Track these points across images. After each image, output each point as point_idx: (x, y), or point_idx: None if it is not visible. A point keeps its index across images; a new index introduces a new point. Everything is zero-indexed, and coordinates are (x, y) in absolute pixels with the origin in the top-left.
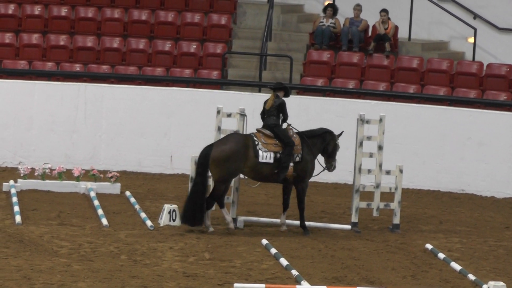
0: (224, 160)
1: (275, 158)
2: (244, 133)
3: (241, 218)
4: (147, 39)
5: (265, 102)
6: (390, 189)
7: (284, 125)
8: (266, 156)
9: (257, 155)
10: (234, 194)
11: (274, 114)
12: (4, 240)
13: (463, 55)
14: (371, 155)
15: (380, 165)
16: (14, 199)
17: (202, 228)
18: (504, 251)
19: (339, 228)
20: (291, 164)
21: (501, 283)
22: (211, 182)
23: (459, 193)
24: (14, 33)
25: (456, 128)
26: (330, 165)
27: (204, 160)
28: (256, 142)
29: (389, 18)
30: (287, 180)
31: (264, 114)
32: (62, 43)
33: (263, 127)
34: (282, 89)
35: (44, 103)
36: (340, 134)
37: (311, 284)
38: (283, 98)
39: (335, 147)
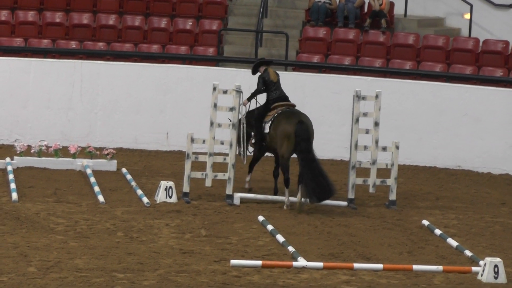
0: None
1: None
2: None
3: (238, 195)
4: (143, 16)
5: (267, 75)
6: (387, 165)
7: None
8: None
9: None
10: (230, 170)
11: (280, 86)
12: (1, 217)
13: (459, 31)
14: (367, 132)
15: (377, 142)
16: (11, 176)
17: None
18: (500, 227)
19: (336, 204)
20: None
21: (498, 259)
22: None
23: (456, 169)
24: (10, 11)
25: (452, 104)
26: None
27: (308, 135)
28: None
29: None
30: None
31: (269, 87)
32: (58, 20)
33: (283, 99)
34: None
35: (40, 80)
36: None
37: (308, 260)
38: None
39: None
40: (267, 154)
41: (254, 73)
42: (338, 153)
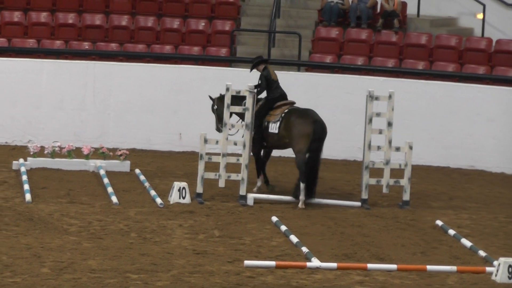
0: None
1: None
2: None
3: (251, 195)
4: (155, 17)
5: (268, 74)
6: (400, 165)
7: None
8: None
9: None
10: (244, 171)
11: (279, 84)
12: (14, 218)
13: (472, 31)
14: (380, 132)
15: (390, 142)
16: (24, 177)
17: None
18: None
19: (349, 205)
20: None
21: None
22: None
23: (469, 169)
24: (23, 12)
25: (465, 104)
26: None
27: (323, 135)
28: None
29: None
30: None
31: (270, 86)
32: (70, 21)
33: (284, 97)
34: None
35: (52, 81)
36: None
37: (321, 261)
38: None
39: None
40: (276, 154)
41: (251, 70)
42: (351, 153)
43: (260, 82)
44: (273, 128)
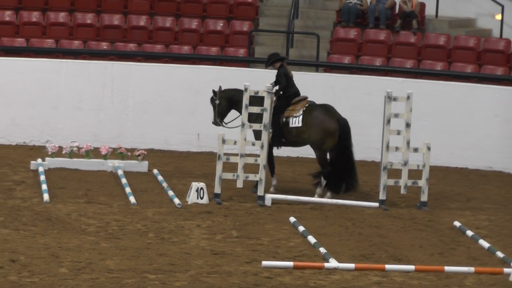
0: None
1: None
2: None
3: (269, 196)
4: (173, 17)
5: (287, 71)
6: (418, 166)
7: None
8: None
9: None
10: (262, 171)
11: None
12: (32, 218)
13: (490, 32)
14: (398, 133)
15: (408, 143)
16: (42, 177)
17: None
18: None
19: (367, 205)
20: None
21: None
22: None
23: (487, 170)
24: (41, 12)
25: (483, 105)
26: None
27: (350, 132)
28: None
29: None
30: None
31: (289, 82)
32: (89, 21)
33: (299, 93)
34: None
35: (71, 81)
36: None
37: (339, 261)
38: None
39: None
40: (294, 154)
41: (267, 66)
42: (369, 154)
43: (278, 79)
44: (295, 122)
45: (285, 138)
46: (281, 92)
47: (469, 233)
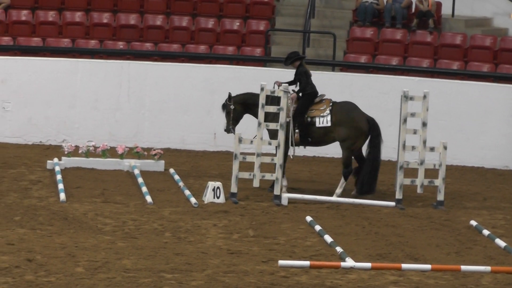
0: None
1: None
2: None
3: (285, 195)
4: (190, 17)
5: (307, 70)
6: (434, 165)
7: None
8: None
9: None
10: (278, 171)
11: None
12: (49, 217)
13: (506, 32)
14: (415, 132)
15: (424, 142)
16: (58, 176)
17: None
18: None
19: (383, 205)
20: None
21: None
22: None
23: (503, 169)
24: (57, 11)
25: (500, 104)
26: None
27: (380, 131)
28: None
29: None
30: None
31: (309, 82)
32: (105, 21)
33: (317, 93)
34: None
35: (87, 81)
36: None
37: (356, 261)
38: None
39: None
40: (311, 154)
41: (287, 64)
42: (386, 153)
43: (299, 78)
44: (323, 122)
45: (311, 137)
46: (302, 92)
47: (486, 232)
